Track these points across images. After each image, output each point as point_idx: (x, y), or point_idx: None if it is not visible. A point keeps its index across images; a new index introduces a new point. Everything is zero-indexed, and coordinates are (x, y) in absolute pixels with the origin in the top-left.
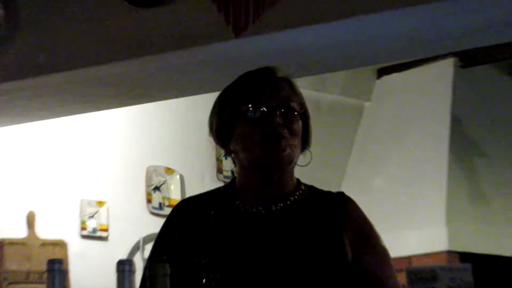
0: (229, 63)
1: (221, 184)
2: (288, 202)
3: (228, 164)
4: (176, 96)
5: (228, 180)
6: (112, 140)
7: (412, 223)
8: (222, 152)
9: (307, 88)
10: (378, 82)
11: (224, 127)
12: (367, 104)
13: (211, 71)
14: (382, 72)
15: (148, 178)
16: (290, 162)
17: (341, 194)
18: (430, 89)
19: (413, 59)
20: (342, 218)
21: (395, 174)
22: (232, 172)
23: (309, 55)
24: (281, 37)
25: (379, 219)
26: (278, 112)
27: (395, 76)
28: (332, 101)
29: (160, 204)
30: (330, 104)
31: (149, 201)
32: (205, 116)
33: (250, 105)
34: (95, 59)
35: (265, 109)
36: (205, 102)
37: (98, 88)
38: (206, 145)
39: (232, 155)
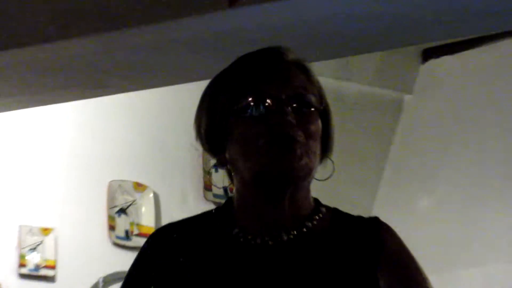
0: (221, 41)
1: (210, 206)
2: (304, 230)
3: (219, 179)
4: (149, 87)
5: (220, 201)
6: (61, 146)
7: (470, 260)
8: (213, 162)
9: (326, 76)
10: (423, 68)
11: (216, 128)
12: (407, 97)
13: (196, 52)
14: (428, 55)
15: (111, 197)
16: (307, 175)
17: (375, 220)
18: (496, 76)
19: (471, 36)
20: (376, 252)
21: (446, 192)
22: (226, 189)
23: (325, 32)
24: (287, 7)
25: (425, 255)
26: (289, 107)
27: (446, 60)
28: (360, 93)
29: (126, 232)
30: (358, 98)
31: (111, 228)
32: (189, 114)
33: (251, 98)
34: (42, 36)
35: (271, 104)
36: (189, 95)
37: (43, 74)
38: (190, 153)
39: (228, 166)
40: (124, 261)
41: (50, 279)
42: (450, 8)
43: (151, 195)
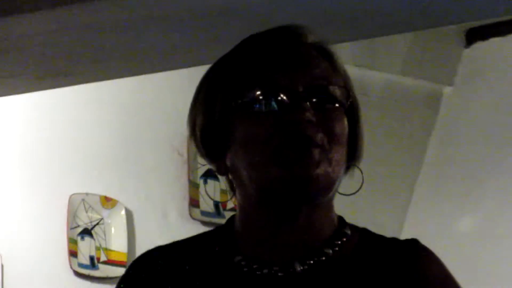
0: (211, 18)
1: (197, 226)
2: (324, 258)
3: (210, 192)
4: (123, 75)
5: (210, 219)
6: (8, 151)
7: None
8: (201, 172)
9: (348, 64)
10: (466, 53)
11: (215, 128)
12: (447, 89)
13: (180, 31)
14: (474, 36)
15: (72, 215)
16: (329, 188)
17: (414, 244)
18: None
19: None
20: (415, 283)
21: (495, 210)
22: (217, 205)
23: (343, 6)
24: None
25: (468, 283)
26: (307, 102)
27: (495, 43)
28: (388, 85)
29: (91, 259)
30: (385, 91)
31: (73, 253)
32: (170, 110)
33: (259, 92)
34: None
35: (285, 98)
36: (170, 86)
37: None
38: (171, 159)
39: (230, 176)
40: None
41: None
42: None
43: (123, 212)
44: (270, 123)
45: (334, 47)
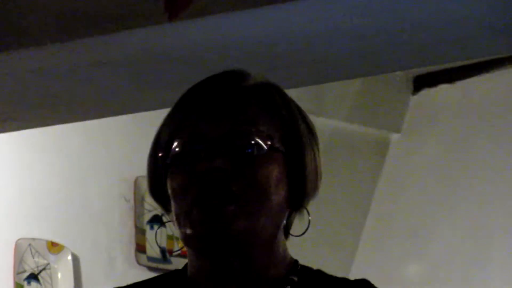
0: (160, 63)
1: (143, 271)
2: None
3: (157, 237)
4: (70, 121)
5: (157, 265)
6: None
7: None
8: (147, 217)
9: None
10: (414, 100)
11: (158, 177)
12: (395, 136)
13: (129, 77)
14: (421, 83)
15: (18, 260)
16: (252, 241)
17: (364, 284)
18: (505, 108)
19: (474, 61)
20: None
21: (442, 256)
22: (163, 251)
23: (291, 53)
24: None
25: None
26: (222, 149)
27: (443, 89)
28: (335, 131)
29: None
30: (333, 137)
31: None
32: (117, 153)
33: (176, 143)
34: None
35: (200, 147)
36: (117, 128)
37: None
38: (118, 204)
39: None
40: None
41: None
42: (449, 23)
43: (69, 257)
44: (184, 175)
45: (279, 89)
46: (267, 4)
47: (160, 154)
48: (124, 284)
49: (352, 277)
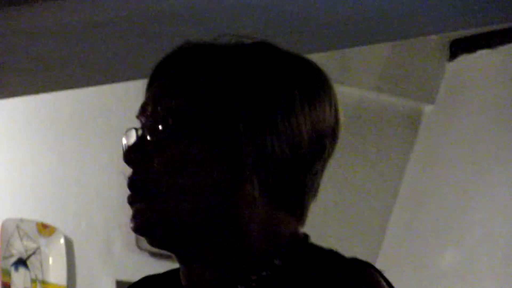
0: (158, 23)
1: (145, 257)
2: None
3: None
4: (58, 88)
5: (160, 251)
6: None
7: None
8: None
9: None
10: (451, 66)
11: None
12: (428, 108)
13: (123, 39)
14: (459, 48)
15: (5, 244)
16: (180, 229)
17: (354, 268)
18: None
19: None
20: None
21: (481, 244)
22: None
23: (314, 16)
24: None
25: None
26: (137, 135)
27: (483, 55)
28: (364, 102)
29: None
30: (360, 108)
31: (5, 286)
32: (115, 129)
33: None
34: None
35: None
36: (118, 101)
37: None
38: (116, 182)
39: None
40: None
41: None
42: None
43: (62, 241)
44: None
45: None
46: None
47: None
48: (123, 271)
49: (380, 264)
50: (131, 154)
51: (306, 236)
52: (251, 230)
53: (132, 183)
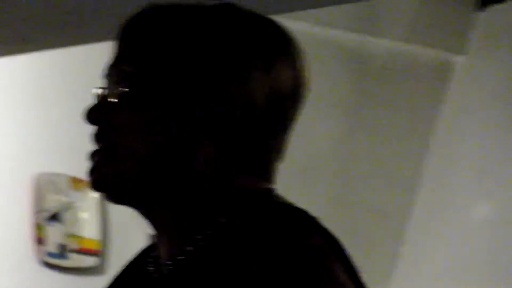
0: None
1: None
2: (182, 257)
3: None
4: (82, 42)
5: None
6: None
7: None
8: None
9: (341, 29)
10: (482, 16)
11: None
12: (459, 58)
13: None
14: None
15: (38, 198)
16: (119, 190)
17: (284, 230)
18: None
19: None
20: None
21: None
22: None
23: None
24: None
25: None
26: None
27: None
28: (393, 53)
29: (61, 247)
30: (389, 59)
31: (39, 241)
32: None
33: None
34: None
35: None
36: None
37: None
38: None
39: None
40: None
41: None
42: None
43: (95, 195)
44: None
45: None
46: None
47: None
48: None
49: (413, 217)
50: (90, 114)
51: (265, 193)
52: (204, 189)
53: (92, 140)
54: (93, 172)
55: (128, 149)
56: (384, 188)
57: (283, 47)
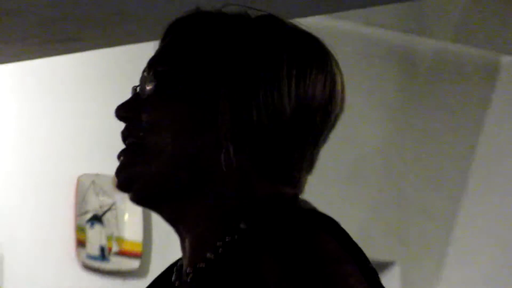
0: None
1: None
2: (203, 265)
3: None
4: (137, 41)
5: None
6: (4, 128)
7: None
8: None
9: (389, 28)
10: None
11: None
12: (507, 59)
13: None
14: None
15: (80, 200)
16: (144, 190)
17: (302, 236)
18: None
19: None
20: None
21: None
22: None
23: None
24: None
25: None
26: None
27: None
28: (440, 53)
29: (102, 249)
30: (437, 59)
31: (80, 243)
32: None
33: None
34: None
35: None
36: None
37: None
38: None
39: None
40: None
41: None
42: None
43: None
44: None
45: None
46: None
47: None
48: None
49: (461, 215)
50: (120, 111)
51: (289, 200)
52: (225, 194)
53: (122, 138)
54: (119, 171)
55: (154, 148)
56: (432, 190)
57: (318, 61)
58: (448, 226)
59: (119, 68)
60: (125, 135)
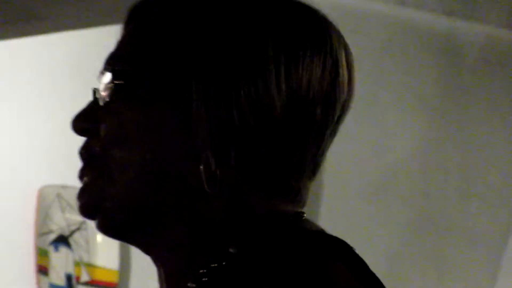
0: None
1: None
2: None
3: None
4: (104, 23)
5: None
6: None
7: None
8: None
9: (436, 12)
10: None
11: None
12: None
13: None
14: None
15: (43, 216)
16: (114, 214)
17: (312, 265)
18: None
19: None
20: None
21: None
22: None
23: None
24: None
25: None
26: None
27: None
28: (491, 41)
29: (69, 278)
30: (487, 48)
31: (42, 270)
32: None
33: None
34: None
35: None
36: None
37: None
38: None
39: None
40: None
41: None
42: None
43: None
44: None
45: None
46: None
47: None
48: None
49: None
50: (76, 122)
51: (288, 217)
52: (210, 216)
53: (80, 155)
54: (81, 194)
55: (119, 164)
56: (478, 207)
57: (314, 40)
58: (498, 255)
59: (93, 58)
60: (84, 151)
